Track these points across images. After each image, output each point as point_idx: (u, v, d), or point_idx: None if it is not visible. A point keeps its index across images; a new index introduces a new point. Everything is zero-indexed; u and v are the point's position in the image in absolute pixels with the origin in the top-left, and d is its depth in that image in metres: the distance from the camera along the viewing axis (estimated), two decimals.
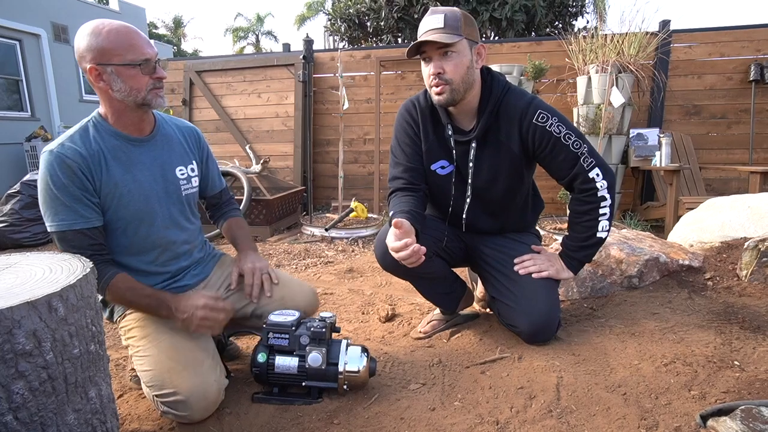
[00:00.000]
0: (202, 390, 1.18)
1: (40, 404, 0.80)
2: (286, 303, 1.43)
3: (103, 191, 1.21)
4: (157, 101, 1.23)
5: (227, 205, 1.60)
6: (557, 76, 4.33)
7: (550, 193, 4.06)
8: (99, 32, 1.15)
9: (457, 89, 1.40)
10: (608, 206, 1.46)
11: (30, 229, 3.83)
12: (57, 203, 1.17)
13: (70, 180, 1.16)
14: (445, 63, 1.37)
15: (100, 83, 1.18)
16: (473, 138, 1.48)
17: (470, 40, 1.38)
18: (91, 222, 1.20)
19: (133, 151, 1.27)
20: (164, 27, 22.63)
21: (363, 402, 1.29)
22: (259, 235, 3.86)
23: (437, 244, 1.58)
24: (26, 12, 7.68)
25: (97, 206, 1.21)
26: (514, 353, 1.49)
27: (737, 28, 4.23)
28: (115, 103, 1.22)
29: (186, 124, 1.46)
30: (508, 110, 1.45)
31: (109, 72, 1.16)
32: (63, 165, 1.16)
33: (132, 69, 1.17)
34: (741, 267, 1.92)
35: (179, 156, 1.37)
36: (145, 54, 1.18)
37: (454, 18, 1.35)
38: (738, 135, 4.29)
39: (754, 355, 1.36)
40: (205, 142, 1.50)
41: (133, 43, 1.16)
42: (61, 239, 1.19)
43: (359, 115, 5.00)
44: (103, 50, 1.14)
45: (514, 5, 6.54)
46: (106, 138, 1.24)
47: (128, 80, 1.17)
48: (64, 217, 1.17)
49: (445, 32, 1.34)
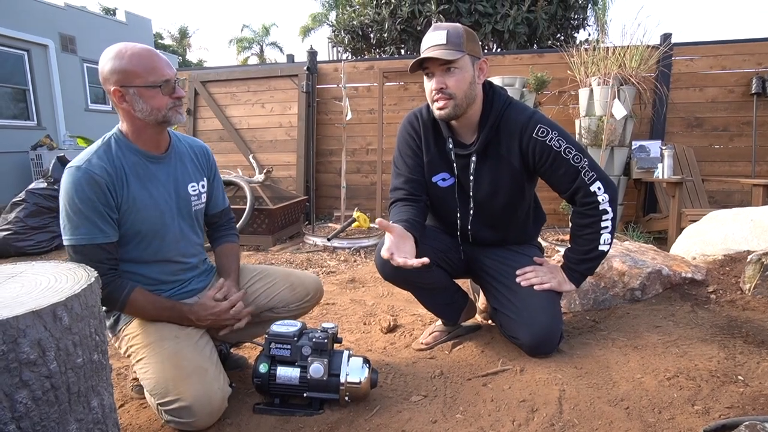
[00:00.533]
0: (206, 397, 1.18)
1: (42, 414, 0.80)
2: (295, 288, 1.50)
3: (122, 207, 1.26)
4: (176, 118, 1.29)
5: (226, 228, 1.60)
6: (559, 88, 4.35)
7: (552, 204, 4.06)
8: (122, 56, 1.21)
9: (460, 104, 1.41)
10: (610, 219, 1.46)
11: (34, 237, 3.85)
12: (80, 217, 1.20)
13: (96, 195, 1.20)
14: (448, 78, 1.39)
15: (123, 104, 1.24)
16: (473, 152, 1.49)
17: (472, 56, 1.40)
18: (109, 237, 1.24)
19: (151, 167, 1.33)
20: (170, 37, 22.89)
21: (364, 414, 1.29)
22: (262, 245, 3.87)
23: (438, 254, 1.59)
24: (34, 23, 7.79)
25: (115, 222, 1.26)
26: (516, 365, 1.49)
27: (738, 42, 4.26)
28: (137, 122, 1.28)
29: (198, 143, 1.52)
30: (509, 125, 1.46)
31: (132, 93, 1.22)
32: (91, 181, 1.20)
33: (153, 90, 1.23)
34: (744, 280, 1.92)
35: (191, 173, 1.43)
36: (165, 75, 1.23)
37: (457, 34, 1.37)
38: (740, 147, 4.30)
39: (758, 370, 1.35)
40: (214, 161, 1.55)
41: (154, 66, 1.22)
42: (78, 252, 1.22)
43: (362, 125, 5.03)
44: (125, 73, 1.20)
45: (517, 18, 6.60)
46: (127, 154, 1.29)
47: (149, 101, 1.23)
48: (85, 231, 1.21)
49: (448, 48, 1.36)
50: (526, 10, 6.63)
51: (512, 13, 6.58)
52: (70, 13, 8.58)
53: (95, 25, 9.14)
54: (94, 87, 9.17)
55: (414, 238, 1.39)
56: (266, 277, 1.53)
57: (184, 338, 1.28)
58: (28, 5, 7.77)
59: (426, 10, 6.78)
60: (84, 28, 8.78)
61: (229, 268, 1.49)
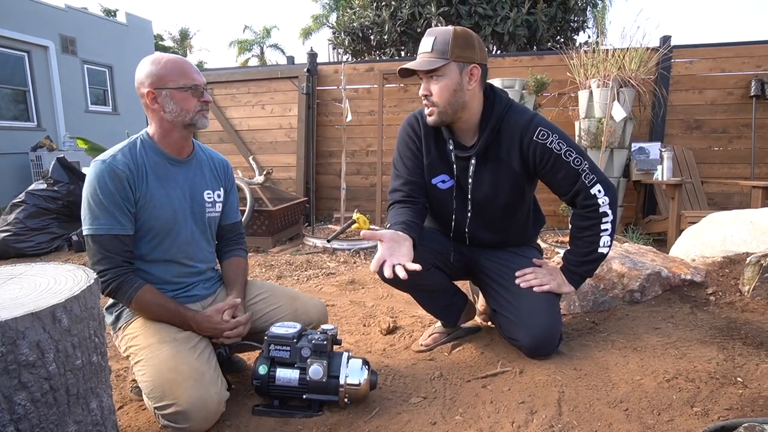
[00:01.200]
0: (202, 402, 1.18)
1: (41, 415, 0.80)
2: (298, 315, 1.50)
3: (140, 202, 1.32)
4: (202, 121, 1.37)
5: (235, 243, 1.60)
6: (559, 90, 4.36)
7: (551, 206, 4.07)
8: (158, 62, 1.31)
9: (444, 111, 1.42)
10: (610, 222, 1.46)
11: (33, 238, 3.85)
12: (100, 208, 1.27)
13: (116, 188, 1.27)
14: (432, 86, 1.41)
15: (155, 105, 1.32)
16: (473, 154, 1.49)
17: (461, 62, 1.38)
18: (126, 230, 1.30)
19: (171, 169, 1.39)
20: (170, 39, 22.88)
21: (364, 416, 1.29)
22: (261, 246, 3.87)
23: (436, 256, 1.59)
24: (35, 24, 7.81)
25: (132, 216, 1.32)
26: (516, 367, 1.49)
27: (737, 44, 4.27)
28: (165, 124, 1.35)
29: (218, 156, 1.57)
30: (510, 127, 1.46)
31: (164, 95, 1.31)
32: (113, 174, 1.27)
33: (183, 92, 1.32)
34: (743, 282, 1.92)
35: (209, 180, 1.48)
36: (195, 80, 1.33)
37: (444, 41, 1.37)
38: (740, 150, 4.30)
39: (757, 372, 1.35)
40: (233, 175, 1.60)
41: (185, 71, 1.32)
42: (96, 242, 1.28)
43: (362, 127, 5.04)
44: (160, 76, 1.30)
45: (516, 20, 6.62)
46: (150, 155, 1.36)
47: (180, 102, 1.32)
48: (104, 222, 1.27)
49: (431, 56, 1.38)
50: (525, 12, 6.65)
51: (512, 16, 6.59)
52: (70, 15, 8.60)
53: (96, 27, 9.15)
54: (95, 88, 9.19)
55: (412, 239, 1.39)
56: (271, 298, 1.52)
57: (183, 341, 1.28)
58: (29, 6, 7.79)
59: (426, 12, 6.79)
60: (85, 30, 8.80)
61: (235, 282, 1.50)
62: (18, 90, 7.73)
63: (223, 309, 1.37)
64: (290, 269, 3.24)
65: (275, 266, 3.31)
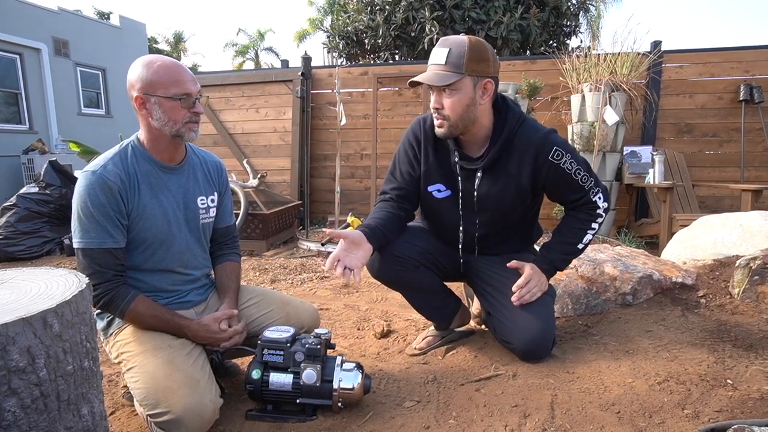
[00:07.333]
0: (197, 409, 1.16)
1: (31, 422, 0.79)
2: (290, 320, 1.48)
3: (132, 213, 1.29)
4: (189, 135, 1.31)
5: (229, 247, 1.58)
6: (552, 94, 4.39)
7: (545, 209, 4.07)
8: (150, 65, 1.25)
9: (455, 125, 1.41)
10: (599, 224, 1.54)
11: (25, 242, 3.81)
12: (91, 221, 1.23)
13: (108, 201, 1.23)
14: (444, 99, 1.38)
15: (143, 111, 1.27)
16: (480, 167, 1.48)
17: (475, 76, 1.36)
18: (118, 243, 1.26)
19: (163, 177, 1.35)
20: (165, 42, 22.79)
21: (357, 420, 1.29)
22: (255, 249, 3.86)
23: (425, 255, 1.59)
24: (27, 26, 7.76)
25: (124, 228, 1.28)
26: (509, 370, 1.49)
27: (727, 50, 4.32)
28: (153, 131, 1.30)
29: (213, 158, 1.53)
30: (522, 142, 1.45)
31: (152, 102, 1.25)
32: (104, 186, 1.23)
33: (173, 102, 1.25)
34: (733, 285, 1.94)
35: (202, 186, 1.44)
36: (187, 90, 1.26)
37: (459, 54, 1.33)
38: (730, 153, 4.35)
39: (746, 374, 1.37)
40: (227, 177, 1.56)
41: (178, 79, 1.25)
42: (87, 256, 1.24)
43: (356, 130, 5.05)
44: (150, 82, 1.24)
45: (510, 25, 6.67)
46: (141, 162, 1.32)
47: (168, 112, 1.26)
48: (95, 235, 1.23)
49: (445, 70, 1.35)
50: (518, 17, 6.70)
51: (505, 20, 6.64)
52: (63, 17, 8.55)
53: (89, 29, 9.11)
54: (87, 91, 9.13)
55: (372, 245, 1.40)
56: (263, 302, 1.51)
57: (177, 348, 1.27)
58: (21, 9, 7.74)
59: (420, 17, 6.83)
60: (78, 32, 8.75)
61: (228, 288, 1.48)
62: (10, 92, 7.68)
63: (221, 318, 1.35)
64: (284, 273, 3.23)
65: (269, 270, 3.30)
